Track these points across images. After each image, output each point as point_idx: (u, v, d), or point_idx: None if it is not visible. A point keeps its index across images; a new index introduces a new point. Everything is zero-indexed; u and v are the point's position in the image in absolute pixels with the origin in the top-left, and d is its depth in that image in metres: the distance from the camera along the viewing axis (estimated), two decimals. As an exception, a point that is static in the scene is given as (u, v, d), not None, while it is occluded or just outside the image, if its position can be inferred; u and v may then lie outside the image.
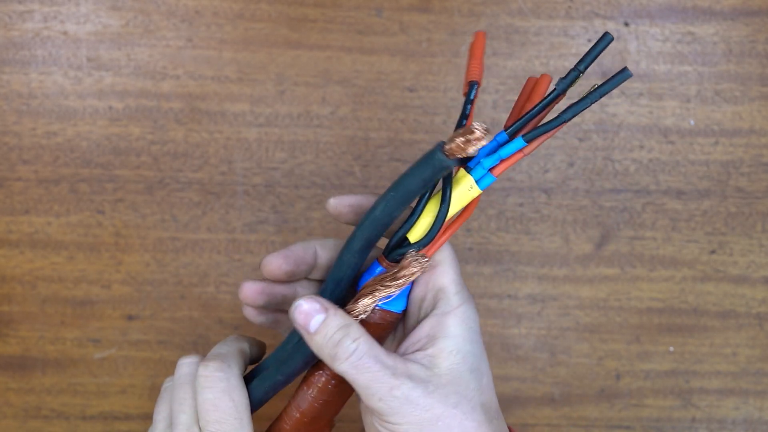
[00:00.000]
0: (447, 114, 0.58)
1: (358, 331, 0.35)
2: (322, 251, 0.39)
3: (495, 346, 0.59)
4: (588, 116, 0.58)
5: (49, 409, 0.59)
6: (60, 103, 0.57)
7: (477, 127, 0.31)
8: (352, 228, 0.37)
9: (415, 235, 0.35)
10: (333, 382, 0.38)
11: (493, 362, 0.59)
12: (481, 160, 0.34)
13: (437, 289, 0.37)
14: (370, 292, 0.35)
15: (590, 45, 0.58)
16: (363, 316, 0.36)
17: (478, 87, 0.36)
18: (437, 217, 0.34)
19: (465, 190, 0.34)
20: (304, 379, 0.39)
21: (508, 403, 0.60)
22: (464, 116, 0.36)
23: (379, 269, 0.36)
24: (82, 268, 0.58)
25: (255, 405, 0.38)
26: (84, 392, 0.59)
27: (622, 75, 0.32)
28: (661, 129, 0.58)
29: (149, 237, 0.58)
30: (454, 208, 0.35)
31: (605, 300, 0.59)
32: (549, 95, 0.34)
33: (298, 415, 0.39)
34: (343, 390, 0.38)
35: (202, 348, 0.59)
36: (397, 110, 0.58)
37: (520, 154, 0.33)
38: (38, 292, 0.58)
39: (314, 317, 0.35)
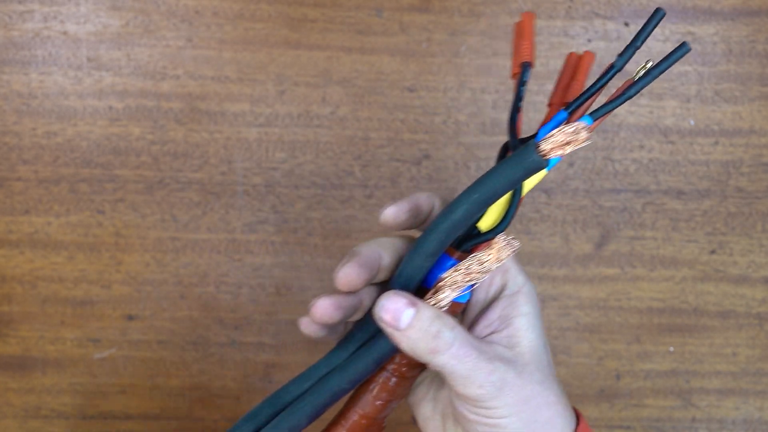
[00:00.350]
0: (447, 114, 0.58)
1: (451, 320, 0.34)
2: (385, 253, 0.37)
3: (495, 346, 0.59)
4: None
5: (49, 409, 0.59)
6: (60, 103, 0.57)
7: (583, 127, 0.29)
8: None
9: (485, 223, 0.34)
10: (394, 380, 0.37)
11: (493, 362, 0.59)
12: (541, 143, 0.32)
13: (503, 271, 0.38)
14: (452, 283, 0.34)
15: (590, 45, 0.58)
16: (445, 308, 0.34)
17: (531, 68, 0.35)
18: (511, 204, 0.34)
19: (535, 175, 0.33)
20: (366, 380, 0.38)
21: (508, 403, 0.60)
22: (519, 99, 0.34)
23: (450, 262, 0.35)
24: (82, 268, 0.58)
25: (311, 419, 0.37)
26: (84, 392, 0.59)
27: (682, 50, 0.31)
28: (661, 129, 0.58)
29: (149, 237, 0.58)
30: (524, 191, 0.34)
31: (605, 300, 0.59)
32: (608, 72, 0.33)
33: (356, 417, 0.37)
34: (404, 387, 0.38)
35: (201, 348, 0.59)
36: (397, 110, 0.58)
37: (593, 126, 0.32)
38: (38, 292, 0.58)
39: (403, 312, 0.33)
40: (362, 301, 0.37)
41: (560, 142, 0.29)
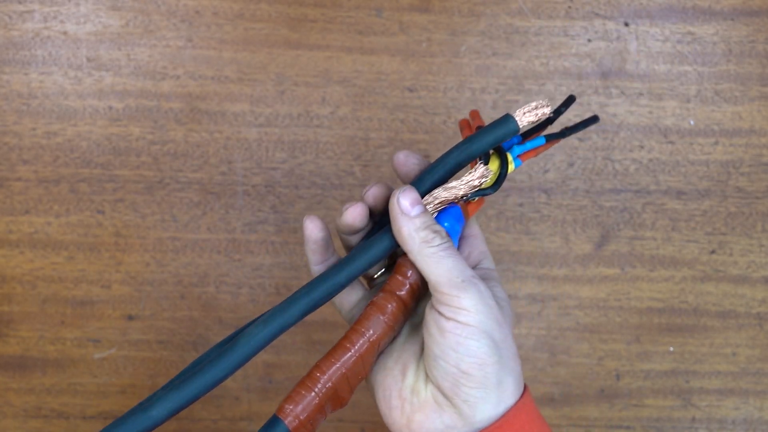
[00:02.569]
0: (447, 114, 0.58)
1: (448, 235, 0.39)
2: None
3: (495, 346, 0.59)
4: (588, 116, 0.58)
5: (49, 409, 0.59)
6: (60, 103, 0.57)
7: (543, 104, 0.39)
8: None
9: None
10: (397, 315, 0.39)
11: (493, 362, 0.59)
12: (514, 147, 0.41)
13: (479, 251, 0.44)
14: (443, 190, 0.40)
15: (590, 45, 0.58)
16: (439, 207, 0.40)
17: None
18: (499, 175, 0.40)
19: (509, 163, 0.41)
20: (374, 310, 0.40)
21: (508, 403, 0.60)
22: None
23: (454, 207, 0.41)
24: (82, 268, 0.58)
25: (304, 314, 0.40)
26: (84, 392, 0.59)
27: (592, 121, 0.44)
28: (661, 129, 0.58)
29: (149, 237, 0.58)
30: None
31: (605, 300, 0.59)
32: (545, 121, 0.42)
33: (369, 343, 0.39)
34: (397, 321, 0.40)
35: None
36: (397, 110, 0.58)
37: (541, 149, 0.42)
38: (38, 292, 0.58)
39: (417, 204, 0.39)
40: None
41: (529, 111, 0.39)
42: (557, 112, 0.42)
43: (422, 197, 0.40)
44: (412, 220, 0.38)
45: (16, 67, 0.56)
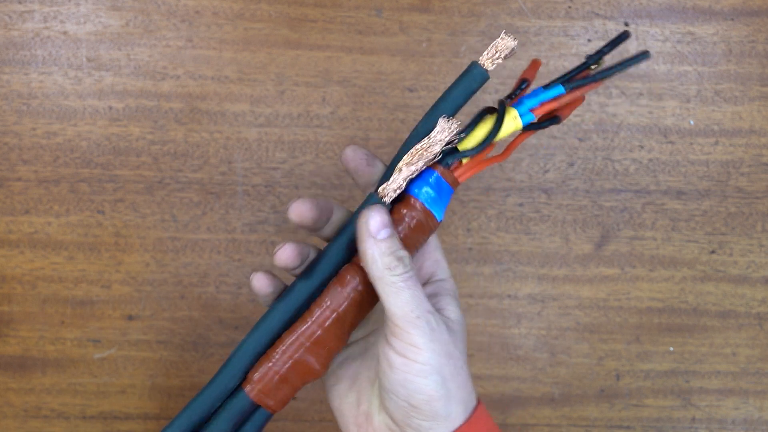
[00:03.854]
0: (447, 114, 0.58)
1: (412, 262, 0.39)
2: (337, 210, 0.42)
3: (495, 346, 0.59)
4: (588, 116, 0.58)
5: (49, 409, 0.59)
6: (60, 103, 0.57)
7: (505, 38, 0.37)
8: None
9: (464, 145, 0.39)
10: (360, 288, 0.39)
11: (493, 362, 0.59)
12: (524, 100, 0.38)
13: (433, 261, 0.43)
14: (405, 165, 0.39)
15: (590, 45, 0.58)
16: (398, 192, 0.39)
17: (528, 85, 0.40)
18: (490, 132, 0.38)
19: (511, 118, 0.39)
20: (333, 282, 0.40)
21: (508, 403, 0.60)
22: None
23: (433, 174, 0.39)
24: (82, 268, 0.58)
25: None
26: (84, 392, 0.59)
27: (642, 57, 0.38)
28: (661, 129, 0.58)
29: (149, 237, 0.58)
30: (503, 132, 0.39)
31: (605, 300, 0.59)
32: (586, 62, 0.39)
33: (328, 313, 0.39)
34: (364, 302, 0.40)
35: (201, 348, 0.59)
36: (397, 110, 0.58)
37: (556, 102, 0.38)
38: (38, 292, 0.58)
39: (385, 228, 0.38)
40: (309, 256, 0.41)
41: (493, 54, 0.38)
42: (601, 53, 0.39)
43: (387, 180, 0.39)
44: (377, 244, 0.38)
45: (16, 67, 0.56)
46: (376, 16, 0.57)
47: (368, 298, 0.40)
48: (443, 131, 0.38)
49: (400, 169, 0.39)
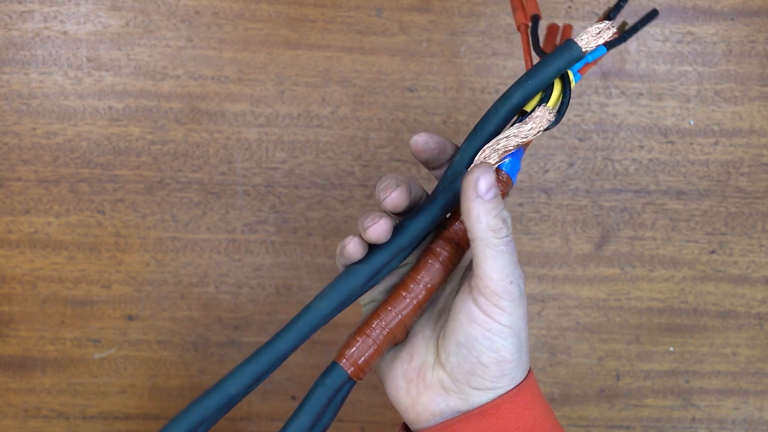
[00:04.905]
0: (447, 114, 0.58)
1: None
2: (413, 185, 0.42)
3: (495, 346, 0.59)
4: (588, 116, 0.58)
5: (49, 409, 0.59)
6: (60, 103, 0.57)
7: (607, 26, 0.38)
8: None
9: (529, 107, 0.39)
10: (448, 259, 0.40)
11: (493, 362, 0.59)
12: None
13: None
14: (499, 145, 0.39)
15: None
16: (496, 164, 0.39)
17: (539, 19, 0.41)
18: (563, 99, 0.39)
19: (571, 81, 0.40)
20: (426, 256, 0.40)
21: (508, 403, 0.60)
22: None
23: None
24: (82, 268, 0.58)
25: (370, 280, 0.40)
26: (84, 392, 0.59)
27: (651, 15, 0.40)
28: (661, 129, 0.58)
29: (149, 237, 0.58)
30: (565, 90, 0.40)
31: (605, 300, 0.59)
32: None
33: (422, 288, 0.40)
34: (449, 271, 0.40)
35: (201, 348, 0.59)
36: (397, 110, 0.58)
37: (596, 62, 0.40)
38: (38, 292, 0.58)
39: (492, 188, 0.37)
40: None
41: (594, 36, 0.38)
42: (633, 30, 0.39)
43: (479, 151, 0.39)
44: (484, 204, 0.37)
45: (16, 67, 0.56)
46: (376, 16, 0.57)
47: (453, 266, 0.40)
48: (542, 119, 0.38)
49: (496, 150, 0.39)
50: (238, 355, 0.59)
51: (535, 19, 0.40)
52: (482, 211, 0.37)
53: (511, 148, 0.39)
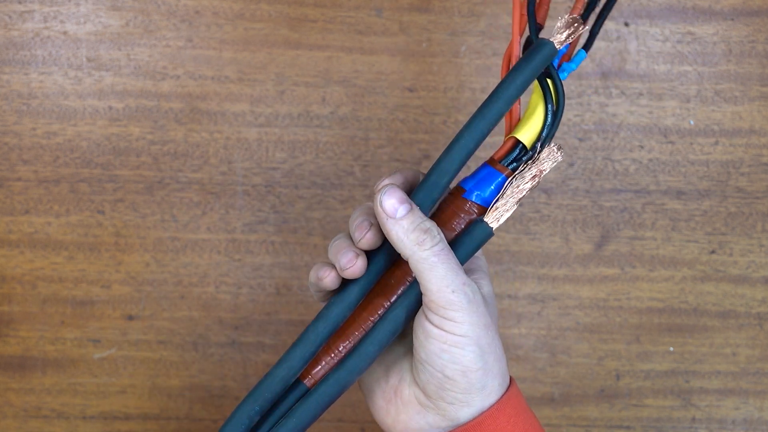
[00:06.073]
0: (447, 114, 0.58)
1: (438, 229, 0.38)
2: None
3: (495, 346, 0.59)
4: (588, 116, 0.58)
5: (49, 409, 0.59)
6: (60, 103, 0.57)
7: (577, 18, 0.36)
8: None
9: (527, 137, 0.38)
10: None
11: (493, 362, 0.59)
12: (563, 68, 0.39)
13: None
14: (506, 201, 0.38)
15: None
16: (508, 215, 0.38)
17: None
18: (550, 115, 0.38)
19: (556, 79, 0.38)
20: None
21: (508, 403, 0.60)
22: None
23: (500, 177, 0.38)
24: (82, 268, 0.58)
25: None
26: (84, 392, 0.59)
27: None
28: (661, 129, 0.58)
29: (149, 237, 0.58)
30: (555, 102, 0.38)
31: (605, 300, 0.59)
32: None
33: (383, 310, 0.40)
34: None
35: (201, 348, 0.59)
36: (397, 110, 0.58)
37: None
38: (38, 292, 0.58)
39: (401, 206, 0.37)
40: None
41: (565, 31, 0.37)
42: (588, 9, 0.38)
43: (456, 172, 0.38)
44: (398, 223, 0.37)
45: (16, 67, 0.56)
46: (376, 16, 0.57)
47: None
48: (549, 160, 0.37)
49: (506, 197, 0.38)
50: (237, 355, 0.59)
51: None
52: (399, 231, 0.37)
53: (524, 194, 0.38)
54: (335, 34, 0.57)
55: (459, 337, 0.37)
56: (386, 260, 0.40)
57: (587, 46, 0.39)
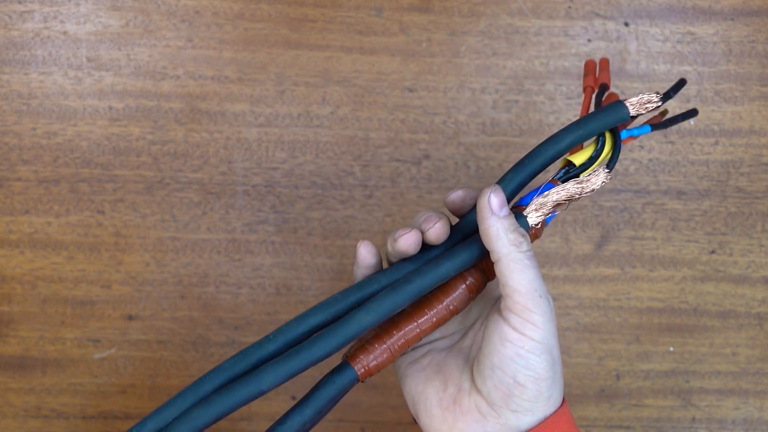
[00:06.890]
0: (447, 114, 0.58)
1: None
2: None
3: (495, 346, 0.59)
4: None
5: (49, 409, 0.59)
6: (60, 103, 0.57)
7: (655, 96, 0.40)
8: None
9: (578, 160, 0.41)
10: (473, 284, 0.41)
11: (493, 362, 0.59)
12: (625, 131, 0.41)
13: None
14: (556, 198, 0.40)
15: (590, 45, 0.58)
16: (544, 210, 0.40)
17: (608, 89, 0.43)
18: (615, 144, 0.41)
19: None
20: (456, 281, 0.41)
21: (508, 403, 0.60)
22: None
23: (549, 186, 0.41)
24: (82, 268, 0.58)
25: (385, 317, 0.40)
26: (84, 392, 0.59)
27: (691, 113, 0.42)
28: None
29: (149, 237, 0.58)
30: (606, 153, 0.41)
31: (605, 300, 0.59)
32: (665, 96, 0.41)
33: (445, 311, 0.41)
34: (472, 297, 0.41)
35: (201, 348, 0.59)
36: (397, 110, 0.58)
37: (636, 138, 0.42)
38: (38, 292, 0.58)
39: (504, 207, 0.39)
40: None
41: (640, 103, 0.40)
42: (666, 96, 0.41)
43: (512, 197, 0.40)
44: (501, 220, 0.38)
45: (16, 67, 0.56)
46: (376, 16, 0.57)
47: (477, 293, 0.41)
48: (597, 181, 0.39)
49: (544, 204, 0.40)
50: (238, 355, 0.59)
51: (603, 87, 0.42)
52: (500, 228, 0.38)
53: (562, 201, 0.40)
54: (335, 34, 0.57)
55: (536, 342, 0.37)
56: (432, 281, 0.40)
57: (655, 128, 0.42)
